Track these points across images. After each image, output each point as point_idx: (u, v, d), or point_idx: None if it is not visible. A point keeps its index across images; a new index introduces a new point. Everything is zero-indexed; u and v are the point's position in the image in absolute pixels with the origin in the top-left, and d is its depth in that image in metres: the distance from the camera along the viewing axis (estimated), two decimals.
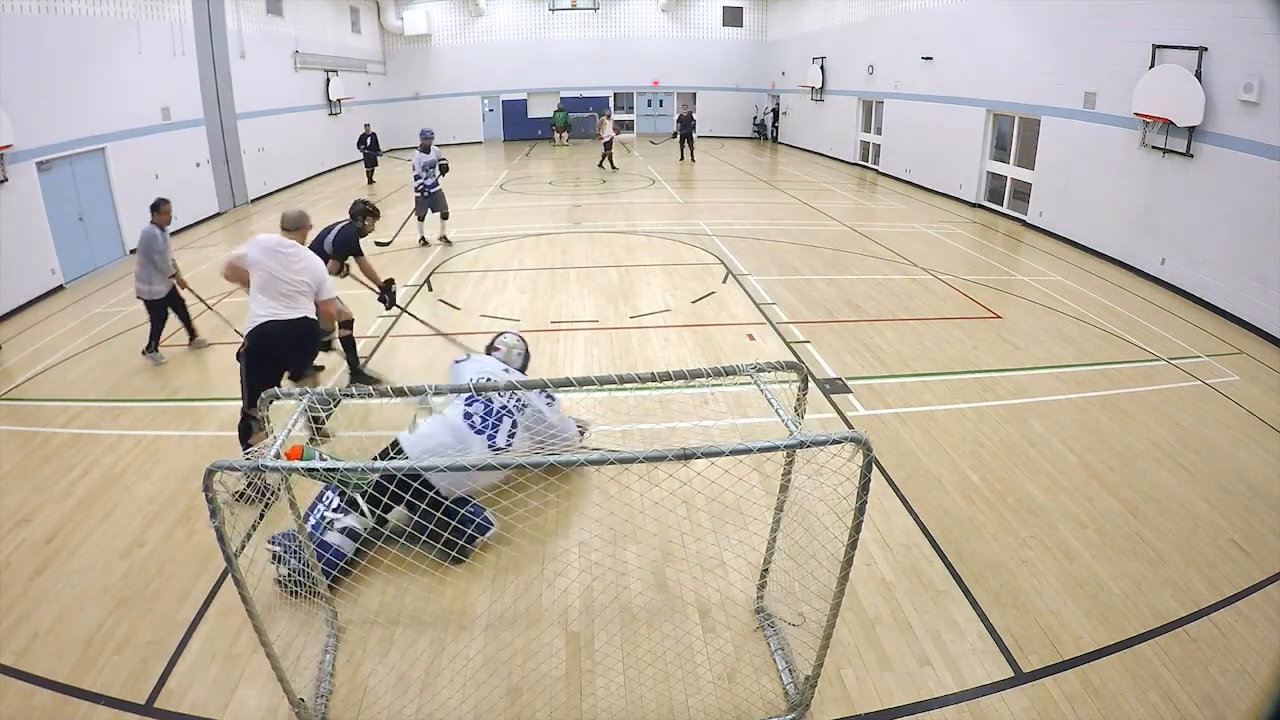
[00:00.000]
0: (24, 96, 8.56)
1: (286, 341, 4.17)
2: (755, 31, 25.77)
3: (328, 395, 2.69)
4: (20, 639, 3.24)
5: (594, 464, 2.41)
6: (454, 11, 24.77)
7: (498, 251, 10.20)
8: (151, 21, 11.59)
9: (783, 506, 3.09)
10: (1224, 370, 6.18)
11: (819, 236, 10.97)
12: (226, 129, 14.12)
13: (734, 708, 2.86)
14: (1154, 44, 8.51)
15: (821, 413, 5.23)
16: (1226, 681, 2.96)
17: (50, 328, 7.68)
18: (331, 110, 19.48)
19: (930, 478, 4.47)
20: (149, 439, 5.07)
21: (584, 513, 4.13)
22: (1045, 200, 11.21)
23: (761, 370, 2.73)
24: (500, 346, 4.61)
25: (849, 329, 7.00)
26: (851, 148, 18.96)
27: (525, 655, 3.09)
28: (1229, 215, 7.68)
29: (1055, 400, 5.55)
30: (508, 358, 4.56)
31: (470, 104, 25.49)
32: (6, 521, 4.13)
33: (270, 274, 4.14)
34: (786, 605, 3.28)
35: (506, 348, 4.61)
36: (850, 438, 2.24)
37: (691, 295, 8.03)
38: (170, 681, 3.00)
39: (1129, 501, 4.24)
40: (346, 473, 2.32)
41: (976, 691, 2.93)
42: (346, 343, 5.76)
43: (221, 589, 3.50)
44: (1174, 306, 7.92)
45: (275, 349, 4.15)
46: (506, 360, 4.53)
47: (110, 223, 10.44)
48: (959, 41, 13.52)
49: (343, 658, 3.11)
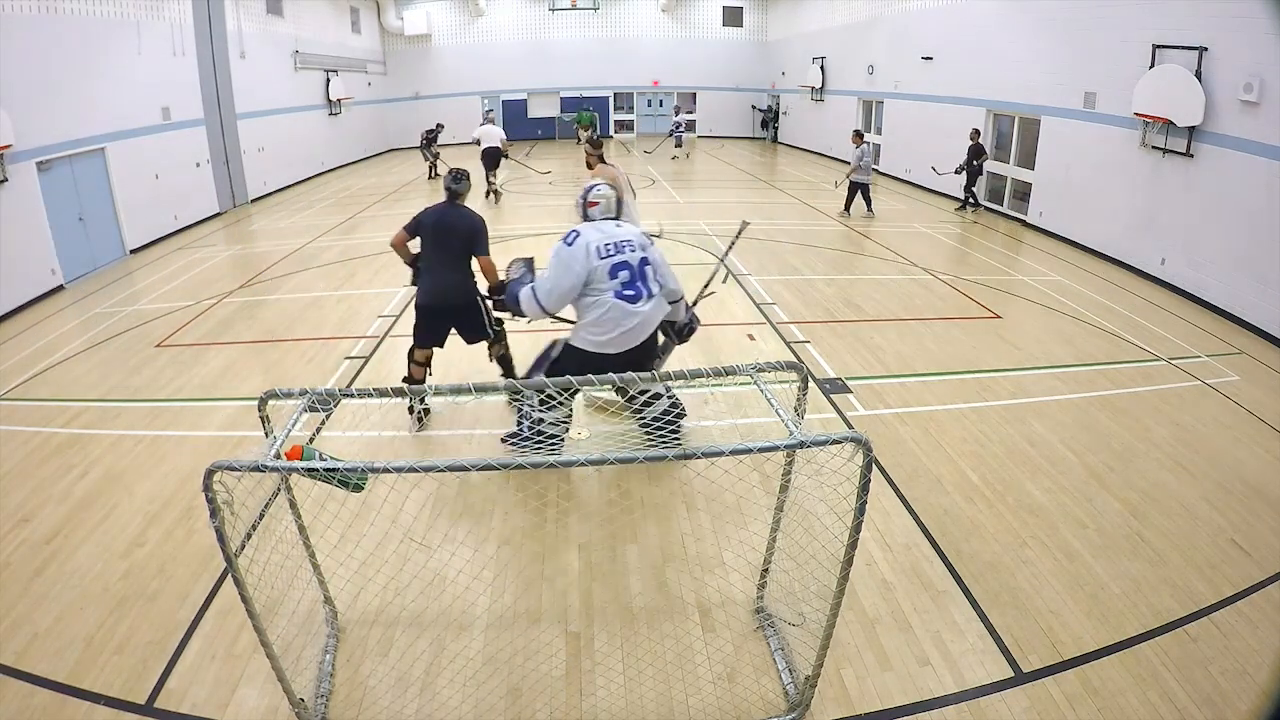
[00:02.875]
0: (24, 96, 8.56)
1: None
2: (755, 31, 25.75)
3: (327, 395, 2.68)
4: (20, 639, 3.24)
5: (594, 464, 2.41)
6: (454, 11, 24.77)
7: (497, 251, 10.16)
8: (151, 21, 11.59)
9: (783, 506, 3.09)
10: (1224, 370, 6.18)
11: (819, 236, 10.97)
12: (226, 129, 14.11)
13: (734, 708, 2.86)
14: (1154, 44, 8.51)
15: (821, 413, 5.23)
16: (1226, 681, 2.96)
17: (50, 328, 7.68)
18: (332, 110, 19.47)
19: (930, 478, 4.46)
20: (149, 439, 5.07)
21: (584, 513, 4.13)
22: (1045, 200, 11.21)
23: (761, 370, 2.73)
24: (599, 200, 4.13)
25: (849, 329, 7.00)
26: (851, 148, 18.92)
27: (525, 655, 3.09)
28: (1229, 215, 7.67)
29: (1055, 400, 5.55)
30: (609, 209, 4.15)
31: (470, 104, 25.49)
32: (6, 521, 4.13)
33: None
34: (786, 605, 3.28)
35: (605, 199, 4.14)
36: (850, 438, 2.24)
37: (691, 295, 8.01)
38: (170, 681, 3.00)
39: (1129, 501, 4.24)
40: (346, 473, 2.32)
41: (976, 691, 2.93)
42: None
43: (221, 589, 3.51)
44: (1174, 306, 7.92)
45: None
46: (609, 212, 4.14)
47: (110, 223, 10.45)
48: (959, 41, 13.52)
49: (343, 658, 3.11)
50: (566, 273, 3.83)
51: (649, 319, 3.93)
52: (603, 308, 3.85)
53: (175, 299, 8.41)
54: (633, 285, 3.87)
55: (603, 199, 4.14)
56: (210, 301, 8.24)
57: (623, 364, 3.84)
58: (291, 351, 6.64)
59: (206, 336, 7.03)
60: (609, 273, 3.84)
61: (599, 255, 3.85)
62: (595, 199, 4.14)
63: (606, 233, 3.95)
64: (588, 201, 4.15)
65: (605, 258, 3.85)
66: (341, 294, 8.31)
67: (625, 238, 3.95)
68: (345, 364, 6.31)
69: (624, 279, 3.87)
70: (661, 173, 17.90)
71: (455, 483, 4.34)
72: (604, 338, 3.88)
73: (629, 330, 3.87)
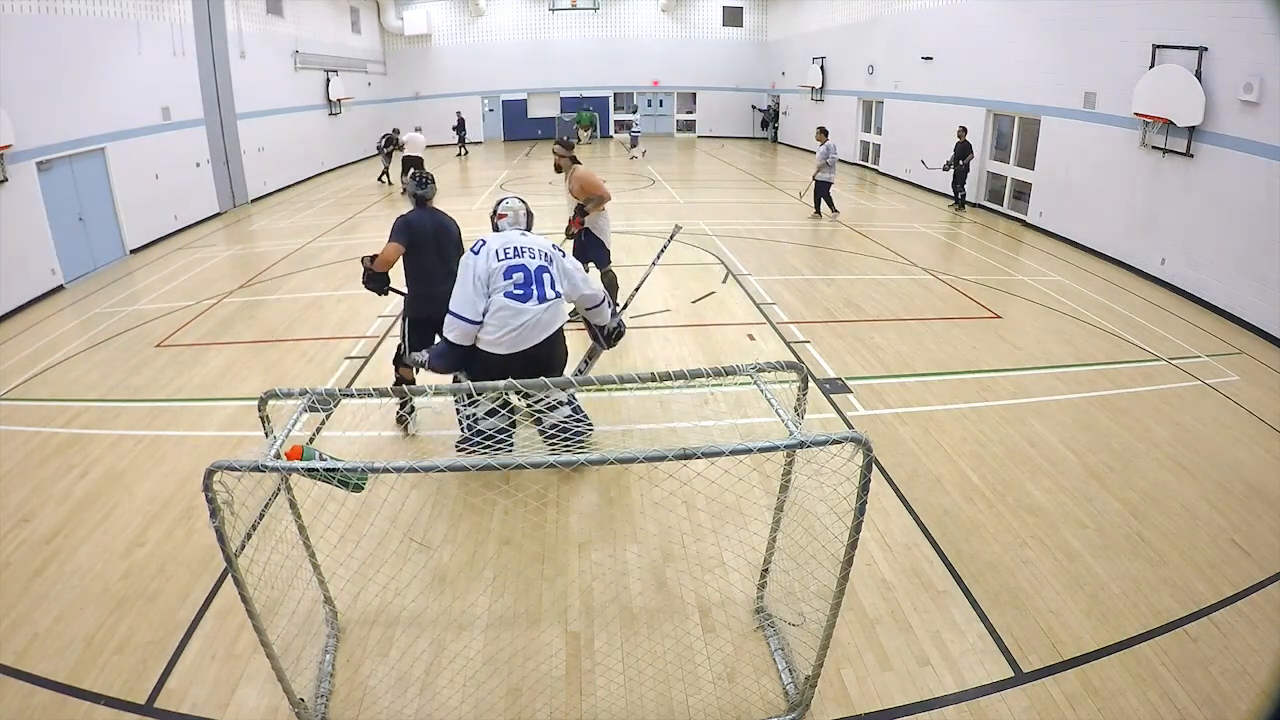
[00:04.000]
0: (24, 96, 8.56)
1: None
2: (755, 31, 25.77)
3: (327, 395, 2.68)
4: (20, 639, 3.24)
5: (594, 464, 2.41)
6: (454, 11, 24.78)
7: None
8: (151, 21, 11.59)
9: (783, 506, 3.09)
10: (1224, 370, 6.18)
11: (819, 236, 10.97)
12: (226, 129, 14.12)
13: (734, 708, 2.86)
14: (1154, 44, 8.51)
15: (821, 413, 5.23)
16: (1226, 681, 2.96)
17: (50, 328, 7.68)
18: (332, 110, 19.47)
19: (930, 478, 4.46)
20: (149, 439, 5.07)
21: (584, 513, 4.13)
22: (1045, 200, 11.21)
23: (761, 370, 2.73)
24: (506, 213, 4.39)
25: (849, 329, 7.00)
26: (852, 148, 18.95)
27: (525, 655, 3.09)
28: (1229, 215, 7.67)
29: (1055, 400, 5.55)
30: (517, 221, 4.38)
31: (470, 104, 25.50)
32: (6, 521, 4.13)
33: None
34: (786, 605, 3.28)
35: (513, 212, 4.39)
36: (850, 438, 2.23)
37: (691, 295, 8.03)
38: (170, 681, 3.00)
39: (1129, 501, 4.24)
40: (346, 473, 2.32)
41: (976, 691, 2.93)
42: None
43: (221, 589, 3.51)
44: (1174, 306, 7.92)
45: None
46: (516, 224, 4.37)
47: (110, 223, 10.45)
48: (959, 41, 13.52)
49: (343, 658, 3.11)
50: (469, 276, 4.01)
51: (540, 321, 4.04)
52: (494, 307, 3.98)
53: (175, 299, 8.41)
54: (524, 287, 4.02)
55: (510, 211, 4.41)
56: (210, 301, 8.24)
57: (521, 365, 3.98)
58: (291, 351, 6.64)
59: (206, 336, 7.03)
60: (504, 274, 4.01)
61: (497, 259, 4.04)
62: (504, 211, 4.41)
63: (509, 239, 4.17)
64: (497, 214, 4.41)
65: (502, 260, 4.05)
66: (341, 294, 8.31)
67: (526, 245, 4.16)
68: (345, 364, 6.31)
69: (517, 280, 4.02)
70: (662, 173, 17.90)
71: (455, 483, 4.35)
72: (492, 336, 3.99)
73: (516, 330, 3.98)
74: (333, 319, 7.51)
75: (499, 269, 4.00)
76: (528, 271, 4.03)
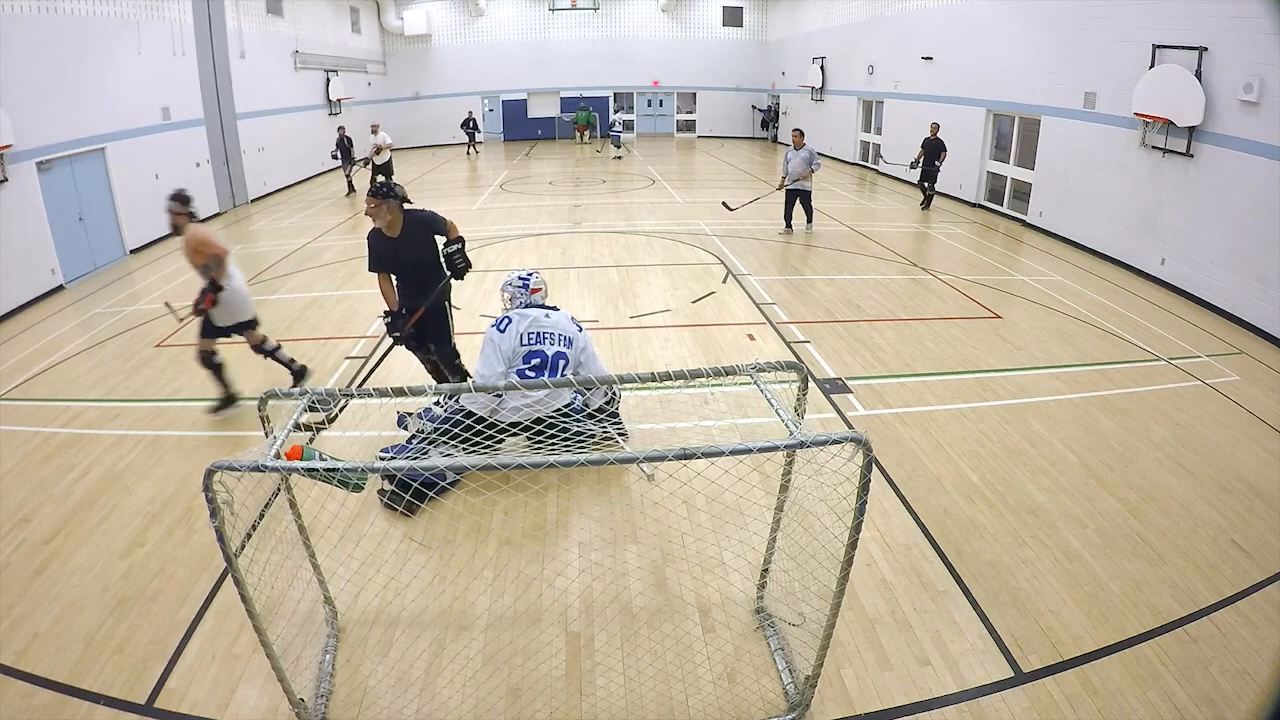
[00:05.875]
0: (24, 96, 8.56)
1: None
2: (755, 31, 25.76)
3: (327, 394, 2.69)
4: (20, 639, 3.24)
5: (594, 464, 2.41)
6: (454, 11, 24.77)
7: (497, 251, 10.20)
8: (151, 21, 11.59)
9: (783, 506, 3.09)
10: (1224, 370, 6.18)
11: (819, 236, 10.96)
12: (226, 129, 14.12)
13: (734, 708, 2.86)
14: (1154, 44, 8.51)
15: (821, 413, 5.23)
16: (1226, 681, 2.96)
17: (50, 328, 7.68)
18: (332, 110, 19.47)
19: (930, 478, 4.46)
20: (149, 439, 5.07)
21: (584, 513, 4.13)
22: (1045, 200, 11.21)
23: (761, 370, 2.73)
24: (539, 287, 4.58)
25: (849, 329, 7.00)
26: (852, 147, 18.96)
27: (525, 655, 3.09)
28: (1229, 215, 7.67)
29: (1055, 400, 5.55)
30: (546, 295, 4.62)
31: (470, 104, 25.50)
32: (6, 521, 4.13)
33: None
34: (786, 605, 3.27)
35: (544, 288, 4.61)
36: (850, 438, 2.23)
37: (691, 295, 8.03)
38: (170, 681, 3.00)
39: (1129, 501, 4.24)
40: (346, 473, 2.32)
41: (976, 691, 2.93)
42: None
43: (221, 589, 3.51)
44: (1174, 306, 7.92)
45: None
46: (544, 299, 4.60)
47: (110, 223, 10.45)
48: (959, 41, 13.52)
49: (343, 658, 3.11)
50: (493, 352, 4.29)
51: (541, 401, 4.30)
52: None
53: (175, 299, 8.39)
54: (539, 371, 4.31)
55: (543, 286, 4.62)
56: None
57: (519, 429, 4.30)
58: (291, 351, 6.62)
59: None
60: (524, 358, 4.33)
61: (521, 343, 4.33)
62: (537, 285, 4.58)
63: (535, 323, 4.38)
64: (530, 288, 4.56)
65: (525, 345, 4.32)
66: (341, 294, 8.31)
67: (548, 330, 4.38)
68: (345, 364, 6.31)
69: (533, 365, 4.33)
70: (662, 173, 17.90)
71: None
72: (495, 404, 4.25)
73: (517, 405, 4.27)
74: (333, 319, 7.51)
75: (523, 352, 4.31)
76: (545, 357, 4.33)
